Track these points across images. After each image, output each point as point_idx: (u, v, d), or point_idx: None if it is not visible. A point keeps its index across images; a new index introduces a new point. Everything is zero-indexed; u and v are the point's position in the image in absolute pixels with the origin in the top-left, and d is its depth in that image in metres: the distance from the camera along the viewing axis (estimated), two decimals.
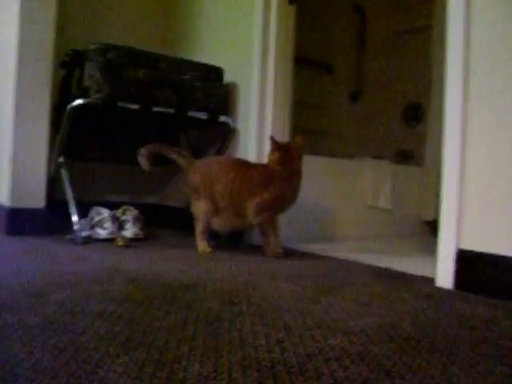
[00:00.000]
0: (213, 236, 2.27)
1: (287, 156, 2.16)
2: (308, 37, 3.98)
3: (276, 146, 2.18)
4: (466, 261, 1.62)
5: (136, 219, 2.43)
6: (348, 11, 4.31)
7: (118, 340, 0.97)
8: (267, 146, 2.51)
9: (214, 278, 1.63)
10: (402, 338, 1.07)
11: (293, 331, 1.08)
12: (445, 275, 1.66)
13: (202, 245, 2.19)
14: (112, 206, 2.48)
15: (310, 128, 3.98)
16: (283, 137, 2.55)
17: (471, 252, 1.61)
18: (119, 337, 0.99)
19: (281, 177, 2.13)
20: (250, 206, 2.12)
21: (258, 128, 2.53)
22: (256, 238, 2.48)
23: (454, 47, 1.68)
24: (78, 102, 2.19)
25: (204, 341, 0.99)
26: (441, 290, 1.63)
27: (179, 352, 0.92)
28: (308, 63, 4.08)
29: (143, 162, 2.24)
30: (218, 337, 1.02)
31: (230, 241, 2.47)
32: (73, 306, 1.19)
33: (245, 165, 2.21)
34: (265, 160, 2.43)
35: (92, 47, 2.21)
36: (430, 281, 1.73)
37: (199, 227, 2.20)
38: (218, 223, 2.18)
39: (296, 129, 2.77)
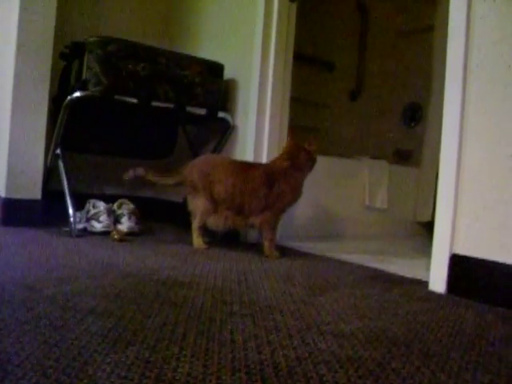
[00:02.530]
0: (209, 232, 2.27)
1: (295, 153, 2.18)
2: (309, 34, 3.97)
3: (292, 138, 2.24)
4: (460, 266, 1.62)
5: (132, 213, 2.43)
6: (351, 9, 4.30)
7: (109, 338, 0.97)
8: (265, 143, 2.52)
9: (207, 275, 1.63)
10: (392, 343, 1.08)
11: (283, 333, 1.09)
12: (438, 279, 1.67)
13: (197, 241, 2.19)
14: (108, 199, 2.47)
15: (309, 126, 3.97)
16: (281, 134, 2.56)
17: (465, 257, 1.61)
18: (110, 334, 0.99)
19: (283, 175, 2.12)
20: (252, 207, 2.11)
21: (256, 124, 2.53)
22: (252, 236, 2.49)
23: (454, 48, 1.68)
24: (77, 94, 2.18)
25: (195, 341, 0.99)
26: (433, 293, 1.63)
27: (169, 352, 0.92)
28: (308, 60, 4.06)
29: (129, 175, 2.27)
30: (208, 337, 1.02)
31: (225, 238, 2.47)
32: (65, 302, 1.19)
33: (244, 166, 2.19)
34: (263, 156, 2.46)
35: (91, 40, 2.21)
36: (423, 284, 1.73)
37: (196, 223, 2.19)
38: (217, 222, 2.17)
39: (295, 127, 2.76)
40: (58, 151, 2.35)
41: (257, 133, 2.52)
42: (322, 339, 1.06)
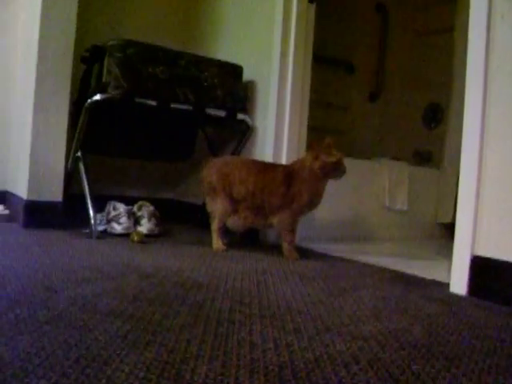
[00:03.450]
0: (229, 234, 2.27)
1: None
2: (329, 35, 3.96)
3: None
4: (481, 267, 1.60)
5: (152, 215, 2.44)
6: (370, 10, 4.27)
7: (128, 338, 0.97)
8: (285, 144, 2.52)
9: (226, 276, 1.63)
10: (412, 345, 1.06)
11: (302, 335, 1.08)
12: (459, 281, 1.65)
13: (217, 242, 2.19)
14: (128, 201, 2.49)
15: (328, 127, 3.95)
16: (300, 135, 2.56)
17: (486, 259, 1.59)
18: (129, 335, 0.99)
19: (302, 175, 2.11)
20: (271, 205, 2.11)
21: (275, 126, 2.52)
22: (271, 237, 2.49)
23: (475, 50, 1.66)
24: (97, 97, 2.20)
25: (213, 342, 0.99)
26: (454, 295, 1.62)
27: (188, 353, 0.92)
28: (328, 62, 4.05)
29: None
30: (227, 338, 1.02)
31: (245, 239, 2.47)
32: (85, 302, 1.20)
33: (265, 166, 2.20)
34: (283, 157, 2.46)
35: (111, 43, 2.22)
36: (444, 286, 1.71)
37: (215, 224, 2.20)
38: (236, 222, 2.18)
39: (314, 128, 2.76)
40: (79, 154, 2.37)
41: (276, 134, 2.52)
42: (341, 341, 1.06)
